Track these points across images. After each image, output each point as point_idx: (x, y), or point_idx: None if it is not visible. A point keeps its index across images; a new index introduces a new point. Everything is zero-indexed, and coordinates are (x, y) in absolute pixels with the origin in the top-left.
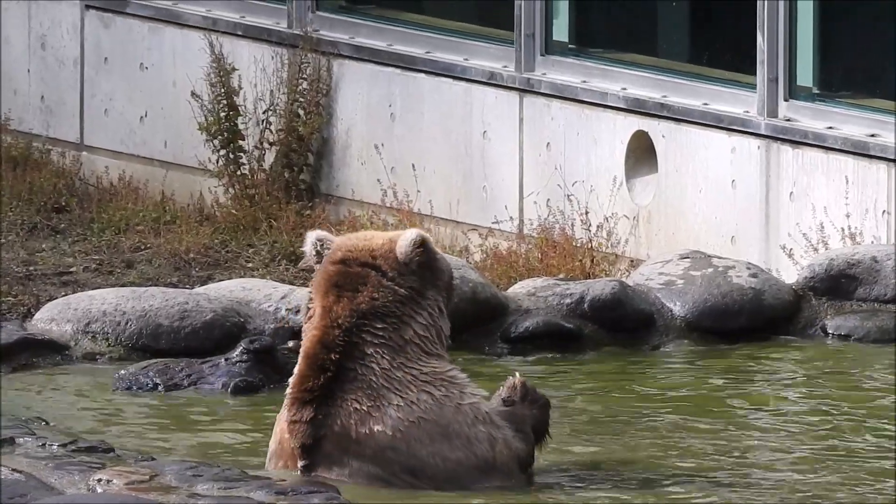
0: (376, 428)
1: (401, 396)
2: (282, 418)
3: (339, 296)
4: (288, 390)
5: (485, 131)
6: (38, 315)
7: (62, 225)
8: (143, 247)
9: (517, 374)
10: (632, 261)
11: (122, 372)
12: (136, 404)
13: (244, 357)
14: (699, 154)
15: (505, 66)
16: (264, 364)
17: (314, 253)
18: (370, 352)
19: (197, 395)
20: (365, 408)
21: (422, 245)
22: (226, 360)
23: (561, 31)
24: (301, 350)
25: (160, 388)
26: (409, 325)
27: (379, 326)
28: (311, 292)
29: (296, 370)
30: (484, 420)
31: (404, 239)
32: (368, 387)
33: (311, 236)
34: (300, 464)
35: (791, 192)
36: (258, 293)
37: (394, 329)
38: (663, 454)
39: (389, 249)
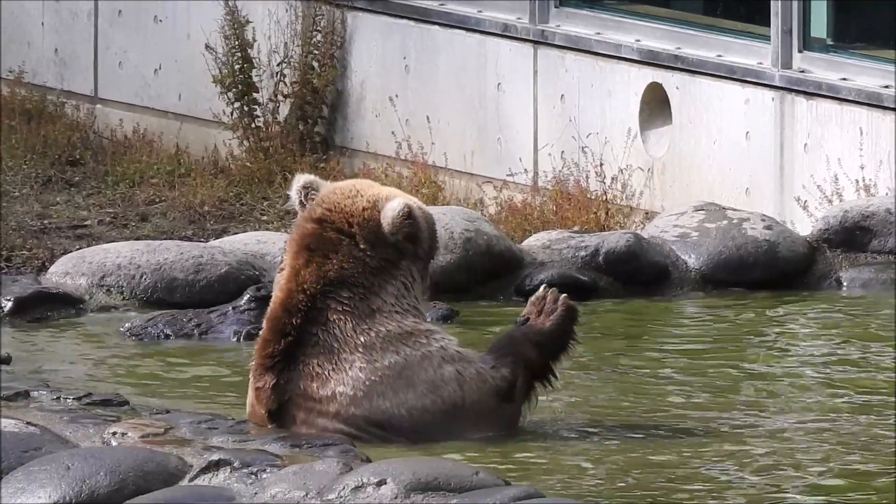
0: (338, 389)
1: (364, 358)
2: (251, 383)
3: (308, 259)
4: (254, 352)
5: (499, 83)
6: (52, 268)
7: (76, 178)
8: (157, 200)
9: (545, 285)
10: (646, 213)
11: (128, 324)
12: (148, 355)
13: (252, 304)
14: (713, 106)
15: (519, 18)
16: None
17: (299, 200)
18: (333, 318)
19: (209, 345)
20: (326, 371)
21: (409, 216)
22: (233, 308)
23: None
24: (266, 312)
25: (171, 338)
26: (378, 296)
27: (345, 295)
28: (286, 243)
29: (260, 333)
30: (452, 358)
31: (391, 210)
32: (330, 351)
33: (299, 181)
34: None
35: (805, 144)
36: (273, 246)
37: (360, 298)
38: (666, 403)
39: (369, 218)
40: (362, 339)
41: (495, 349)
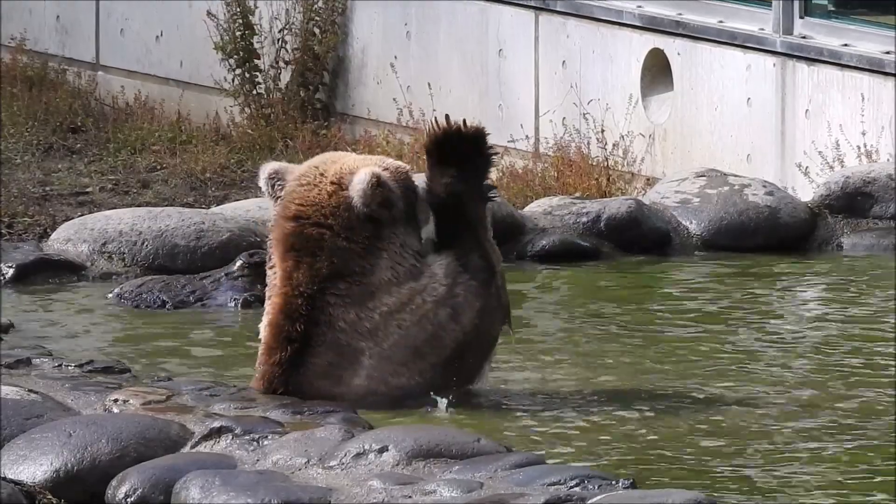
0: (354, 382)
1: (372, 343)
2: (256, 381)
3: (297, 260)
4: (257, 362)
5: (500, 49)
6: (54, 235)
7: (78, 145)
8: (158, 167)
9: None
10: (647, 179)
11: (117, 290)
12: (148, 322)
13: (245, 271)
14: (715, 72)
15: None
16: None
17: (268, 191)
18: (336, 313)
19: (206, 311)
20: (338, 369)
21: (377, 185)
22: (226, 274)
23: None
24: (265, 316)
25: (168, 305)
26: (374, 275)
27: (342, 287)
28: (270, 243)
29: (262, 337)
30: (442, 301)
31: (358, 184)
32: (338, 346)
33: (265, 171)
34: None
35: (806, 110)
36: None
37: (357, 283)
38: (662, 367)
39: (339, 203)
40: (367, 325)
41: (456, 249)
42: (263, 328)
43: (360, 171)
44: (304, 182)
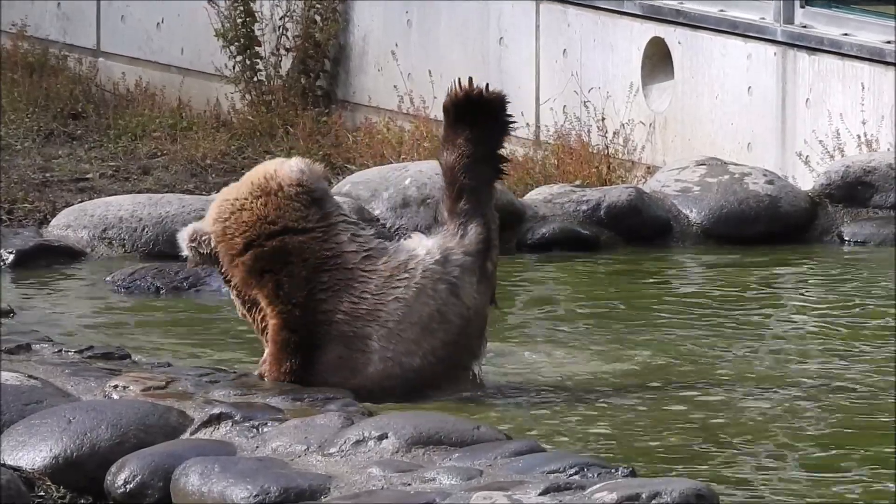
0: (368, 369)
1: (375, 324)
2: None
3: (275, 278)
4: (267, 373)
5: (501, 37)
6: (54, 221)
7: (79, 131)
8: (159, 153)
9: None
10: (648, 167)
11: (110, 277)
12: (147, 308)
13: None
14: (715, 61)
15: None
16: None
17: (196, 255)
18: (330, 306)
19: (200, 298)
20: (349, 360)
21: (302, 171)
22: None
23: None
24: (268, 337)
25: (162, 291)
26: (343, 255)
27: (325, 278)
28: (237, 288)
29: (267, 352)
30: (439, 277)
31: (293, 168)
32: (343, 337)
33: (183, 239)
34: None
35: (807, 99)
36: None
37: (335, 268)
38: (660, 357)
39: (278, 205)
40: (364, 308)
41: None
42: (269, 343)
43: (282, 164)
44: (230, 215)
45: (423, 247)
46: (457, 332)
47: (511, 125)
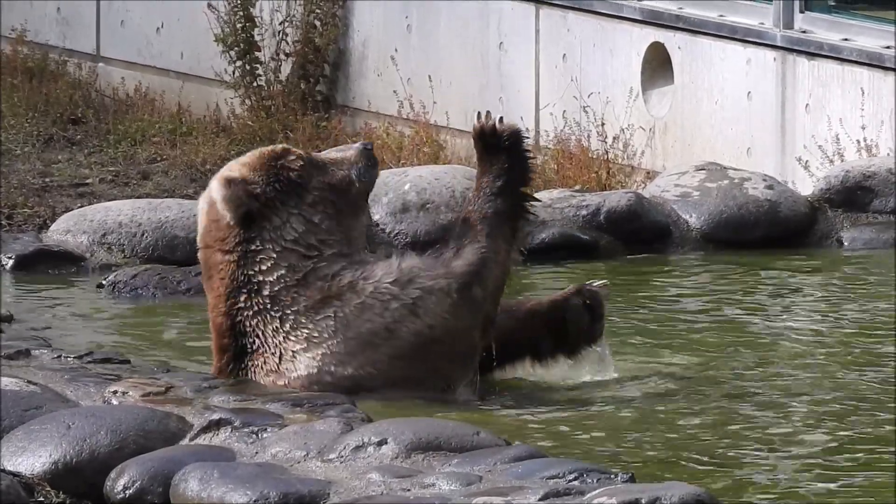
0: (293, 375)
1: (301, 339)
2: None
3: (207, 285)
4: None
5: (501, 43)
6: (53, 226)
7: (78, 136)
8: (159, 158)
9: (480, 114)
10: (648, 172)
11: (111, 278)
12: (148, 314)
13: None
14: (715, 66)
15: None
16: None
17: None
18: (253, 324)
19: (199, 303)
20: (274, 367)
21: (229, 183)
22: None
23: None
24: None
25: (157, 296)
26: (261, 282)
27: (243, 300)
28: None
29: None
30: (394, 296)
31: (213, 192)
32: (266, 349)
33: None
34: None
35: (807, 104)
36: None
37: (254, 293)
38: (660, 362)
39: (206, 223)
40: (287, 327)
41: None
42: (212, 338)
43: (215, 180)
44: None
45: (383, 268)
46: (410, 349)
47: (528, 160)
